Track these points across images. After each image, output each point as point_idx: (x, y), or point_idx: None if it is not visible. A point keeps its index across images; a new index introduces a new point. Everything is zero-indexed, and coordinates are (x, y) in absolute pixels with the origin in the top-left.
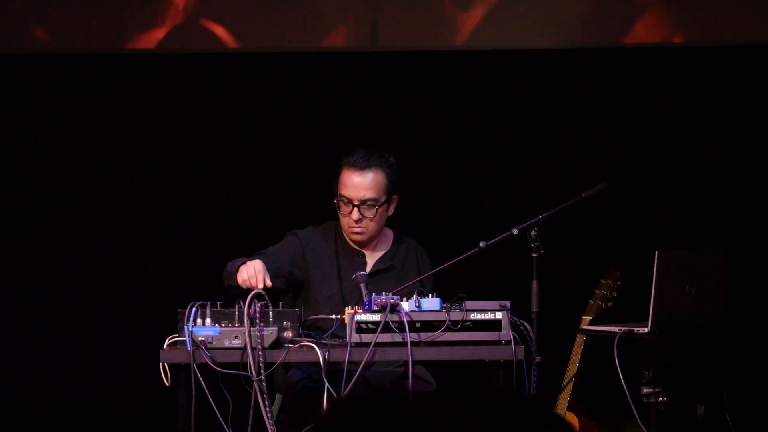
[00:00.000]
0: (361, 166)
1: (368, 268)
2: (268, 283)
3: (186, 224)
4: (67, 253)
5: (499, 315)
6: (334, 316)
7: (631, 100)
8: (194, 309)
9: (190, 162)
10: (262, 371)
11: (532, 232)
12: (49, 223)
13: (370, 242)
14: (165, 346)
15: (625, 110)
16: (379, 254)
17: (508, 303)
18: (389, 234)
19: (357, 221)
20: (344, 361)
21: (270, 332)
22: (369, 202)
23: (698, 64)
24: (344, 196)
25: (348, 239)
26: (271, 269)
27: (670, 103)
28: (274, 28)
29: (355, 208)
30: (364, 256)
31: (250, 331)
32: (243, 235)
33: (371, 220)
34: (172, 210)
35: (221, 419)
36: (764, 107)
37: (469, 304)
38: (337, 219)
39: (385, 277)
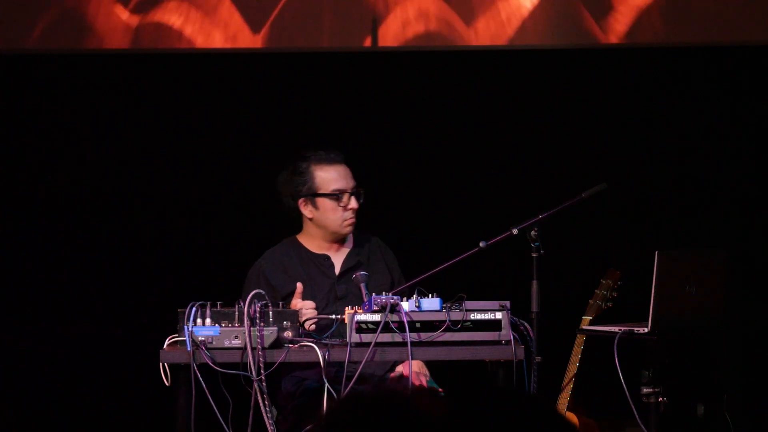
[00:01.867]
0: (338, 160)
1: (338, 269)
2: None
3: (186, 224)
4: (67, 252)
5: (499, 315)
6: (333, 316)
7: (631, 100)
8: (194, 309)
9: (191, 162)
10: (262, 371)
11: (532, 232)
12: (49, 223)
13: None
14: (165, 346)
15: (625, 110)
16: (343, 254)
17: (508, 303)
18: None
19: (356, 209)
20: (344, 362)
21: (270, 332)
22: (357, 189)
23: (698, 64)
24: (338, 189)
25: (340, 233)
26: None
27: (670, 103)
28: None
29: (353, 196)
30: (329, 258)
31: (250, 331)
32: (243, 235)
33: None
34: (172, 210)
35: (221, 419)
36: (764, 107)
37: (469, 304)
38: (292, 234)
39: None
